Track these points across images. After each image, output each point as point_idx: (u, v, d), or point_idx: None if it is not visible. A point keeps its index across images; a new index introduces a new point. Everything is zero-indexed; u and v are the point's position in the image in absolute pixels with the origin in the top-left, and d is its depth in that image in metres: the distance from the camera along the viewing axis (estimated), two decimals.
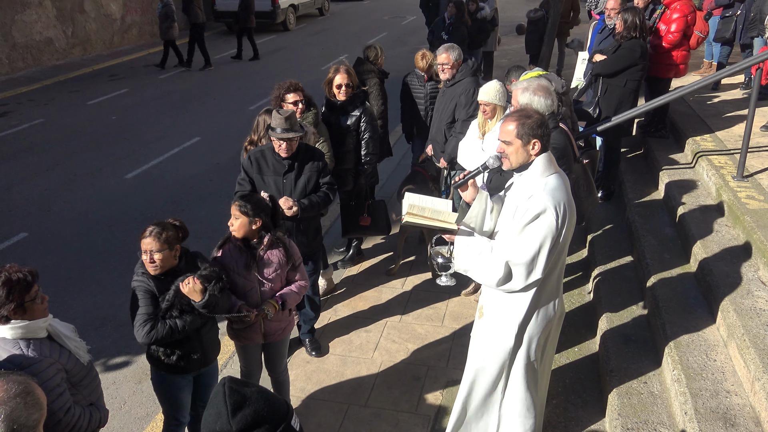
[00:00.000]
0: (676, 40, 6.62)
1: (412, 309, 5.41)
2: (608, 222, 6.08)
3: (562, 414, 3.99)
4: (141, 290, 3.23)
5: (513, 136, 3.00)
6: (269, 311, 3.55)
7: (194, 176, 8.58)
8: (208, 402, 1.74)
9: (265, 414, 1.67)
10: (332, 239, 6.64)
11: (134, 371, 4.87)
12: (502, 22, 15.00)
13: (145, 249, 3.17)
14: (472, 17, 10.62)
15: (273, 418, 1.68)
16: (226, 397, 1.67)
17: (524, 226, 2.96)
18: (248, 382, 1.78)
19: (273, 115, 4.15)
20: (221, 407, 1.66)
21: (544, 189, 2.97)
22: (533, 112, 3.07)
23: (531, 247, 2.96)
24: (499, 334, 3.24)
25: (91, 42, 16.83)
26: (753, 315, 3.84)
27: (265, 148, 4.35)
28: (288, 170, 4.29)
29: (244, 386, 1.71)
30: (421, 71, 6.31)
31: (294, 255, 3.77)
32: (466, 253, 3.13)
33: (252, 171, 4.32)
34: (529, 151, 3.01)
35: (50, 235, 7.04)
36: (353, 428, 4.13)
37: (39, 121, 11.15)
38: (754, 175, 5.49)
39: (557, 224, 2.95)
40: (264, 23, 19.54)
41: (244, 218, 3.49)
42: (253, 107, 11.59)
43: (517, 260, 2.98)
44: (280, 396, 1.82)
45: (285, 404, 1.75)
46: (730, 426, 3.28)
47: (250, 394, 1.69)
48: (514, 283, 3.05)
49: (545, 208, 2.93)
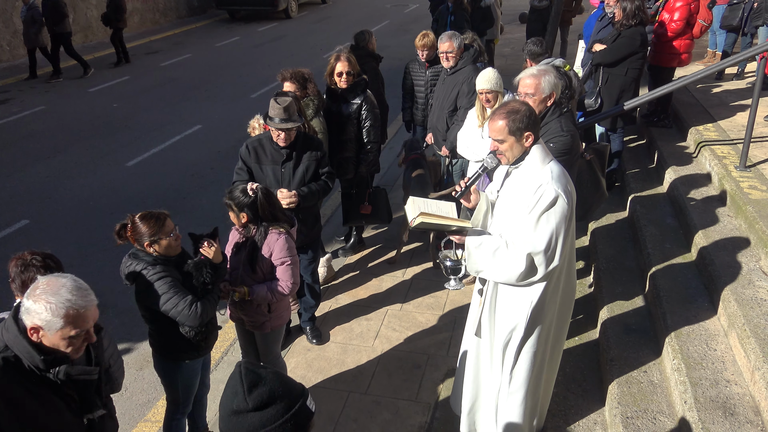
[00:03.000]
0: (679, 28, 6.58)
1: (413, 297, 5.42)
2: (610, 212, 6.06)
3: (562, 402, 4.00)
4: (166, 280, 3.22)
5: (505, 133, 2.99)
6: (235, 294, 3.62)
7: (195, 164, 8.57)
8: (225, 385, 1.79)
9: (280, 392, 1.72)
10: (333, 228, 6.64)
11: (135, 358, 4.88)
12: (506, 10, 14.93)
13: (170, 231, 3.25)
14: (475, 5, 10.56)
15: (288, 396, 1.73)
16: (242, 377, 1.72)
17: (539, 215, 2.95)
18: (263, 365, 1.84)
19: (271, 105, 4.12)
20: (237, 386, 1.71)
21: (552, 176, 2.97)
22: (519, 105, 3.04)
23: (549, 236, 2.95)
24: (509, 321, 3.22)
25: (92, 29, 16.76)
26: (754, 305, 3.84)
27: (263, 137, 4.34)
28: (286, 159, 4.28)
29: (260, 367, 1.77)
30: (420, 51, 6.30)
31: (277, 252, 3.62)
32: (478, 253, 3.09)
33: (250, 160, 4.31)
34: (523, 144, 3.02)
35: (51, 223, 7.04)
36: (354, 416, 4.15)
37: (40, 109, 11.13)
38: (756, 165, 5.47)
39: (569, 210, 2.96)
40: (266, 11, 19.48)
41: (232, 213, 3.58)
42: (254, 95, 11.55)
43: (538, 250, 2.96)
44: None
45: (300, 386, 1.81)
46: (730, 415, 3.29)
47: (265, 374, 1.75)
48: (538, 273, 3.02)
49: (557, 196, 2.93)
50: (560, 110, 3.94)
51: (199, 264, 3.34)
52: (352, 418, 4.13)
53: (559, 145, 3.71)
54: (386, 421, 4.09)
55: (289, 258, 3.63)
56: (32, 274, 2.66)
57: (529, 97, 3.79)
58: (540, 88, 3.78)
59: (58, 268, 2.75)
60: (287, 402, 1.72)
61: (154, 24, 18.93)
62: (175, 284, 3.24)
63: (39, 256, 2.72)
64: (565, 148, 3.72)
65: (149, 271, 3.21)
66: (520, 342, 3.22)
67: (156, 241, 3.20)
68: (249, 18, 20.03)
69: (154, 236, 3.19)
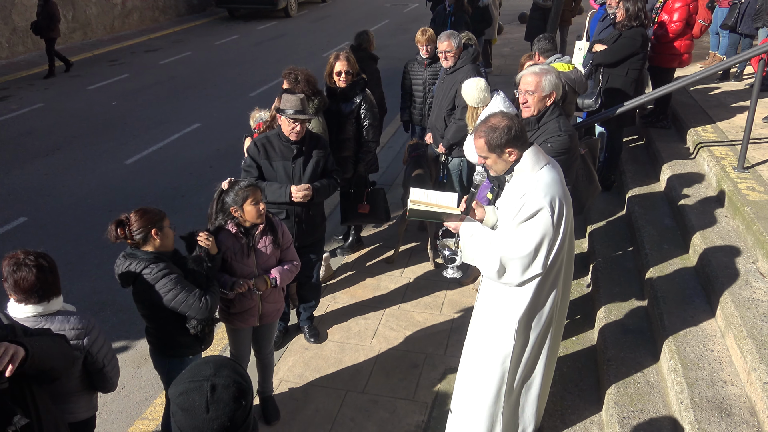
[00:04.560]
0: (678, 29, 6.59)
1: (411, 297, 5.42)
2: (608, 212, 6.07)
3: (558, 402, 4.00)
4: (171, 276, 3.22)
5: (486, 150, 3.02)
6: (260, 286, 3.66)
7: (194, 162, 8.57)
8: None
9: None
10: (331, 227, 6.64)
11: (133, 356, 4.88)
12: (505, 10, 14.92)
13: (169, 225, 3.30)
14: (473, 6, 10.58)
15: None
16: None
17: (519, 223, 2.97)
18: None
19: (284, 97, 4.14)
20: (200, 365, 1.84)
21: (537, 185, 2.96)
22: (500, 121, 3.00)
23: (526, 244, 2.96)
24: (496, 328, 3.23)
25: (91, 27, 16.75)
26: (751, 306, 3.85)
27: (270, 135, 4.35)
28: (297, 155, 4.29)
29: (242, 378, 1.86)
30: (421, 47, 6.33)
31: (285, 236, 3.84)
32: (471, 243, 3.15)
33: (259, 157, 4.30)
34: (506, 160, 3.02)
35: (49, 220, 7.04)
36: (351, 414, 4.15)
37: (39, 106, 11.12)
38: (755, 167, 5.48)
39: (553, 221, 2.94)
40: (265, 9, 19.48)
41: (247, 207, 3.59)
42: (254, 93, 11.55)
43: (510, 256, 2.98)
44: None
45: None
46: (726, 416, 3.30)
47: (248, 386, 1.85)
48: (510, 277, 3.05)
49: (541, 207, 2.92)
50: (560, 110, 3.95)
51: (198, 258, 3.38)
52: (349, 417, 4.13)
53: (556, 144, 3.73)
54: (383, 420, 4.10)
55: (291, 238, 3.92)
56: (24, 273, 2.65)
57: (529, 94, 3.85)
58: (540, 86, 3.82)
59: (51, 267, 2.74)
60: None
61: (154, 22, 18.92)
62: (180, 279, 3.25)
63: (32, 256, 2.71)
64: (562, 148, 3.73)
65: (152, 270, 3.20)
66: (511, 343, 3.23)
67: (161, 228, 3.21)
68: (248, 16, 20.04)
69: (159, 223, 3.21)
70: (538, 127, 3.89)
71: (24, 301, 2.70)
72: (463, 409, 3.50)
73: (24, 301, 2.70)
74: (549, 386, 3.70)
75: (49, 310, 2.77)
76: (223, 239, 3.61)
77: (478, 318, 3.38)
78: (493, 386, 3.33)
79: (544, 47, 5.61)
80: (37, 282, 2.68)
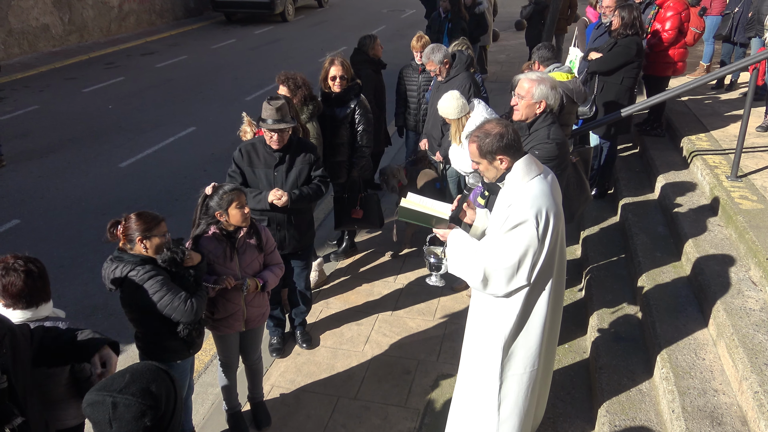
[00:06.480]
0: (671, 37, 6.63)
1: (404, 303, 5.42)
2: (602, 220, 6.09)
3: (550, 410, 3.99)
4: (158, 278, 3.20)
5: (478, 156, 3.04)
6: (249, 286, 3.67)
7: (189, 166, 8.55)
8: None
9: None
10: (325, 232, 6.63)
11: (125, 360, 4.85)
12: (501, 18, 14.97)
13: (163, 232, 3.25)
14: (469, 12, 10.61)
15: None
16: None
17: (503, 234, 2.96)
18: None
19: (264, 106, 4.11)
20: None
21: (525, 197, 2.94)
22: (492, 127, 3.01)
23: (509, 255, 2.94)
24: (486, 341, 3.22)
25: (87, 29, 16.73)
26: (743, 315, 3.85)
27: (257, 141, 4.33)
28: (279, 162, 4.27)
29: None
30: (417, 54, 6.37)
31: (268, 241, 3.86)
32: (456, 253, 3.13)
33: (243, 164, 4.30)
34: (498, 167, 3.02)
35: (43, 223, 7.01)
36: (343, 421, 4.13)
37: (34, 108, 11.09)
38: (748, 176, 5.50)
39: (538, 233, 2.92)
40: (262, 13, 19.49)
41: (233, 210, 3.60)
42: (249, 98, 11.54)
43: (493, 267, 2.97)
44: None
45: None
46: (717, 425, 3.30)
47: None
48: (495, 288, 3.04)
49: (526, 219, 2.91)
50: (553, 118, 3.97)
51: (171, 260, 3.31)
52: (340, 423, 4.12)
53: (543, 152, 3.75)
54: (375, 426, 4.08)
55: (274, 242, 3.97)
56: (13, 278, 2.64)
57: (519, 98, 3.94)
58: (530, 93, 3.89)
59: (40, 272, 2.73)
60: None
61: (150, 25, 18.91)
62: (167, 282, 3.23)
63: (21, 260, 2.69)
64: (549, 156, 3.75)
65: (138, 272, 3.18)
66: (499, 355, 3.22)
67: (149, 237, 3.17)
68: (245, 21, 20.03)
69: (148, 232, 3.17)
70: (529, 133, 3.93)
71: (12, 306, 2.69)
72: (460, 419, 3.49)
73: (12, 306, 2.69)
74: (546, 398, 3.69)
75: (38, 315, 2.75)
76: (205, 243, 3.60)
77: (469, 329, 3.37)
78: (486, 397, 3.32)
79: (544, 56, 5.62)
80: (25, 287, 2.66)
